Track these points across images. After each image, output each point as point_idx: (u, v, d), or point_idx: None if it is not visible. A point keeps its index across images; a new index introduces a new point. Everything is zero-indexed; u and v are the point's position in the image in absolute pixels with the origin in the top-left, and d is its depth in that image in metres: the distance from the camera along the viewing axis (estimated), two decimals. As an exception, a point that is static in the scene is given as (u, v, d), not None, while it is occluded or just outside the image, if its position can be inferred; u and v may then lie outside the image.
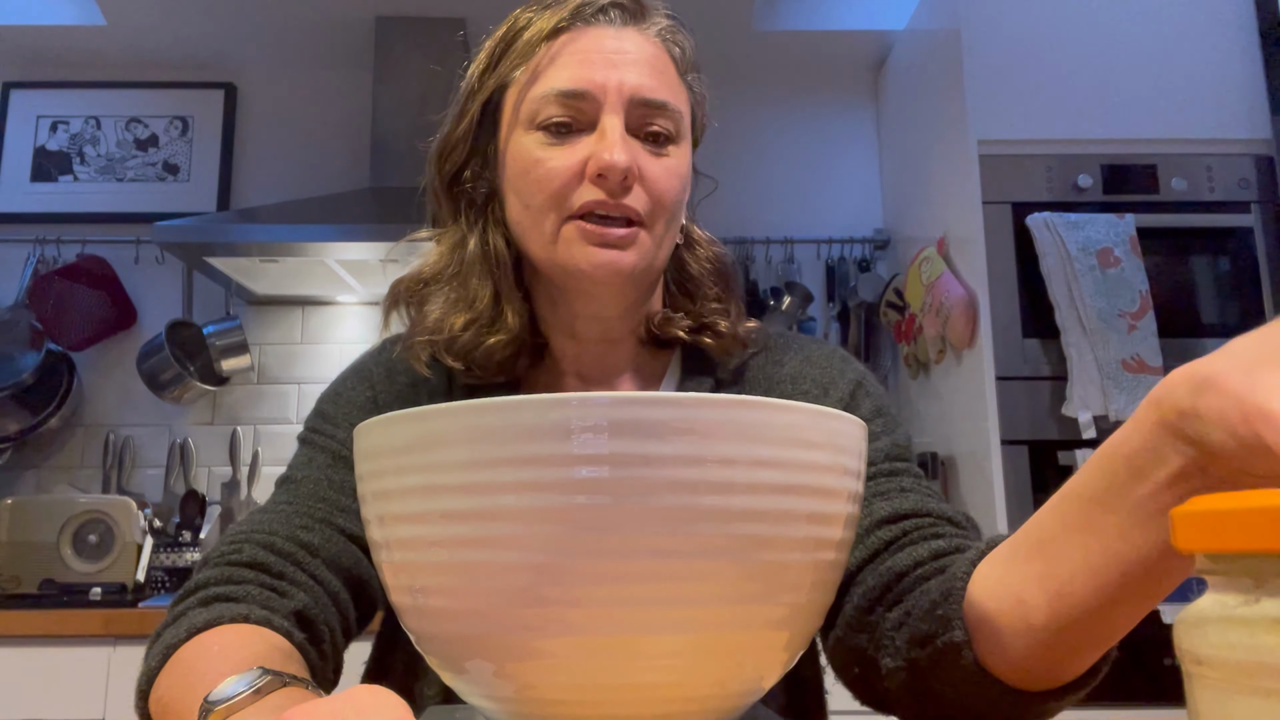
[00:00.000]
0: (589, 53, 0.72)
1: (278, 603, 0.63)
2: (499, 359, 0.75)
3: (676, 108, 0.73)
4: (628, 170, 0.69)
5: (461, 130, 0.76)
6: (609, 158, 0.69)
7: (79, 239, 2.52)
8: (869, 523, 0.67)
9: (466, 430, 0.42)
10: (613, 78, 0.71)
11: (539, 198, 0.71)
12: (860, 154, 2.73)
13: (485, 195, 0.77)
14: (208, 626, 0.57)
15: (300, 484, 0.74)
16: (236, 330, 2.46)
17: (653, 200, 0.72)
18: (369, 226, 2.12)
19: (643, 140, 0.72)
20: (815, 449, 0.44)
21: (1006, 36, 2.06)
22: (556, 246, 0.72)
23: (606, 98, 0.71)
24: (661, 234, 0.74)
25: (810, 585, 0.45)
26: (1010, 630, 0.50)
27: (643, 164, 0.71)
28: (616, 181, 0.69)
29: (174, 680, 0.54)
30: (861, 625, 0.63)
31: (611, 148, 0.69)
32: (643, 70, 0.72)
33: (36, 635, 1.77)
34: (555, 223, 0.71)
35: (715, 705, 0.45)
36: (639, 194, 0.71)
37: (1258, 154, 2.01)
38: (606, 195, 0.70)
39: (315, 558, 0.69)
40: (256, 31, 2.54)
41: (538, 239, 0.73)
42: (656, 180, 0.72)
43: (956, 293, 2.02)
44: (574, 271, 0.71)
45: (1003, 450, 1.88)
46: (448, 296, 0.77)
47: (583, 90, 0.70)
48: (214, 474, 2.48)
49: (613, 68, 0.71)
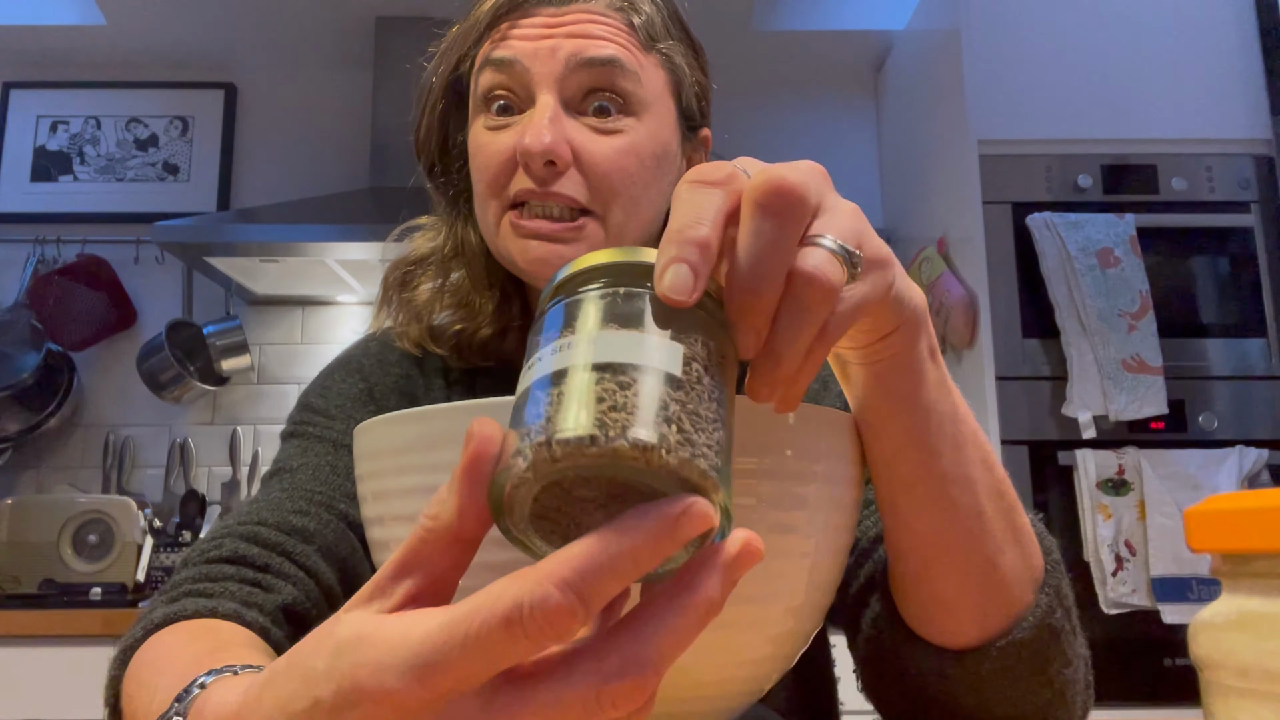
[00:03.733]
0: (530, 27, 0.68)
1: (261, 598, 0.59)
2: (480, 343, 0.75)
3: (630, 68, 0.67)
4: (546, 154, 0.63)
5: (425, 127, 0.76)
6: (526, 141, 0.63)
7: (79, 239, 2.51)
8: (876, 532, 0.60)
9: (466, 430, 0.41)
10: (545, 45, 0.66)
11: (480, 186, 0.69)
12: (860, 154, 2.73)
13: (459, 186, 0.77)
14: (166, 623, 0.53)
15: (297, 471, 0.69)
16: (236, 330, 2.46)
17: (596, 184, 0.66)
18: (369, 226, 2.12)
19: (589, 115, 0.67)
20: (814, 449, 0.44)
21: (1006, 36, 2.06)
22: (499, 239, 0.69)
23: (536, 65, 0.66)
24: (623, 221, 0.67)
25: (810, 586, 0.45)
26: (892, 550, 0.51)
27: (579, 144, 0.65)
28: (538, 168, 0.64)
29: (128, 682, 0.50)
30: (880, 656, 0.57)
31: (532, 129, 0.64)
32: (588, 29, 0.66)
33: (36, 635, 1.77)
34: (496, 212, 0.68)
35: (715, 705, 0.45)
36: (574, 179, 0.65)
37: (1258, 154, 2.01)
38: (535, 183, 0.65)
39: (309, 544, 0.64)
40: (256, 31, 2.54)
41: (485, 228, 0.71)
42: (599, 162, 0.66)
43: (956, 293, 2.02)
44: (512, 266, 0.69)
45: (1003, 450, 1.88)
46: (433, 283, 0.77)
47: (509, 58, 0.66)
48: (214, 474, 2.48)
49: (547, 37, 0.66)
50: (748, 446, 0.41)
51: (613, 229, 0.67)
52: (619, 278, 0.32)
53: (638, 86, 0.67)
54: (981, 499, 0.47)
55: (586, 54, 0.65)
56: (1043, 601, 0.50)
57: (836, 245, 0.34)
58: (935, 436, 0.45)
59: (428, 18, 0.80)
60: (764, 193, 0.34)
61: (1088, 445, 1.83)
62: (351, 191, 2.44)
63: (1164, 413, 1.83)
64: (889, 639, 0.54)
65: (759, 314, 0.33)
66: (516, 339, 0.77)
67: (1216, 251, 1.99)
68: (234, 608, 0.55)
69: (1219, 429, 1.87)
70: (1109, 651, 1.75)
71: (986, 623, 0.50)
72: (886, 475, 0.47)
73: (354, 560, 0.67)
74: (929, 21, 2.33)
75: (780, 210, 0.33)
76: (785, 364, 0.33)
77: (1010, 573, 0.49)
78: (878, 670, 0.57)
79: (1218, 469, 1.80)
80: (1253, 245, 1.98)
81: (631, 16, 0.69)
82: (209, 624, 0.54)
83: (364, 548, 0.67)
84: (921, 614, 0.51)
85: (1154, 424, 1.86)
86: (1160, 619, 1.74)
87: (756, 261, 0.33)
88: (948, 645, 0.51)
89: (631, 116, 0.68)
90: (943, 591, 0.49)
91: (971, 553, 0.48)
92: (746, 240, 0.33)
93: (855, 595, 0.60)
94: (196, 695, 0.38)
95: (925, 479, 0.46)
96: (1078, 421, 1.84)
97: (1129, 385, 1.83)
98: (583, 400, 0.27)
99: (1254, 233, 1.98)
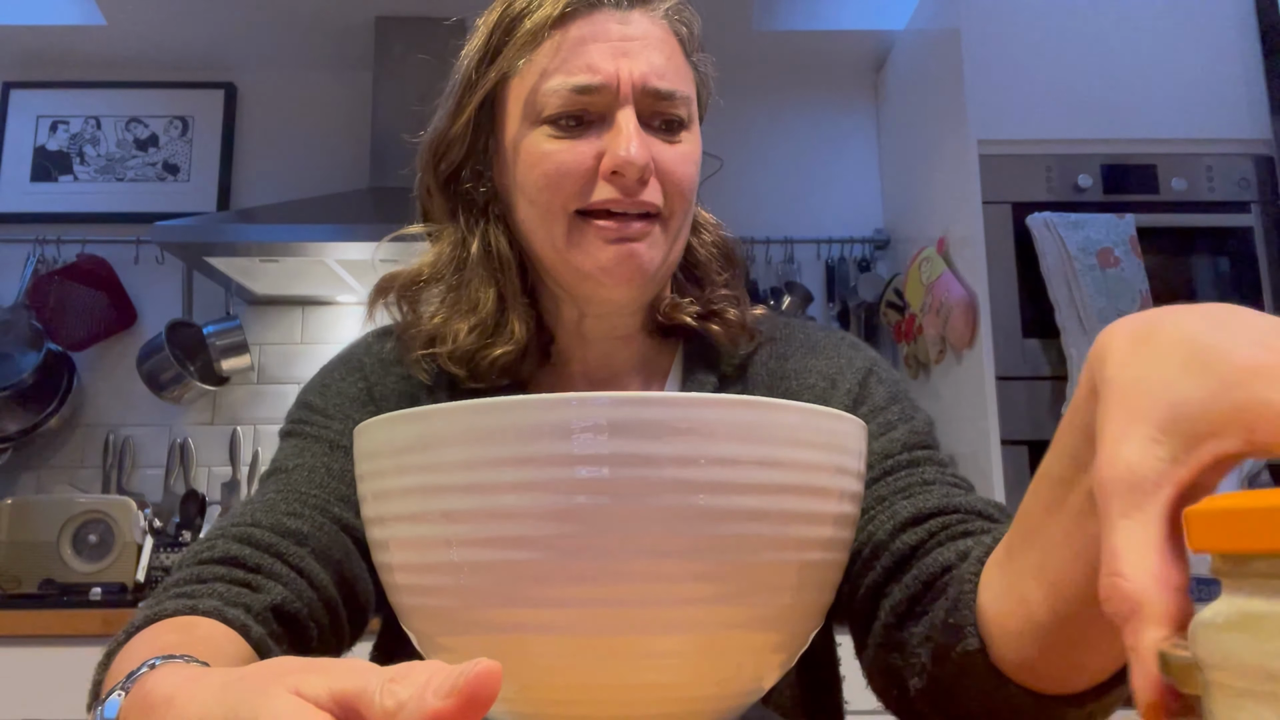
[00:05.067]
0: (597, 41, 0.68)
1: (249, 598, 0.58)
2: (502, 366, 0.72)
3: (686, 94, 0.71)
4: (647, 168, 0.67)
5: (459, 126, 0.73)
6: (625, 154, 0.66)
7: (79, 239, 2.51)
8: (892, 526, 0.61)
9: (466, 430, 0.42)
10: (624, 67, 0.68)
11: (549, 196, 0.68)
12: (860, 154, 2.73)
13: (486, 194, 0.74)
14: (147, 624, 0.53)
15: (292, 473, 0.69)
16: (236, 330, 2.46)
17: (670, 191, 0.69)
18: (369, 226, 2.12)
19: (655, 129, 0.70)
20: (814, 449, 0.44)
21: (1006, 36, 2.06)
22: (570, 248, 0.69)
23: (619, 89, 0.68)
24: (679, 227, 0.72)
25: (809, 585, 0.45)
26: (1018, 631, 0.46)
27: (658, 155, 0.69)
28: (634, 179, 0.67)
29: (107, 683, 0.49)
30: (893, 643, 0.58)
31: (628, 143, 0.66)
32: (653, 57, 0.69)
33: (36, 635, 1.77)
34: (567, 222, 0.69)
35: (715, 705, 0.45)
36: (654, 187, 0.69)
37: (1258, 154, 2.01)
38: (622, 193, 0.67)
39: (302, 547, 0.63)
40: (256, 32, 2.53)
41: (547, 239, 0.70)
42: (673, 170, 0.69)
43: (956, 293, 2.02)
44: (591, 273, 0.69)
45: (1003, 450, 1.88)
46: (445, 299, 0.74)
47: (597, 85, 0.67)
48: (214, 474, 2.48)
49: (623, 56, 0.68)
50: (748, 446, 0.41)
51: (672, 233, 0.71)
52: None
53: (690, 106, 0.72)
54: None
55: (656, 85, 0.69)
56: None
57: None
58: None
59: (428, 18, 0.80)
60: None
61: (1088, 445, 1.83)
62: (351, 191, 2.44)
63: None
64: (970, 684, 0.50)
65: None
66: (536, 358, 0.75)
67: (1216, 251, 1.99)
68: (215, 605, 0.55)
69: (1219, 429, 1.86)
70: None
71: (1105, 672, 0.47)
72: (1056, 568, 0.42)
73: (348, 563, 0.66)
74: (929, 21, 2.33)
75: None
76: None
77: None
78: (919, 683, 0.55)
79: (1218, 469, 1.80)
80: (1253, 245, 1.98)
81: (680, 29, 0.74)
82: (186, 620, 0.54)
83: (359, 550, 0.67)
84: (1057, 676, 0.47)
85: (1154, 424, 1.86)
86: (1160, 619, 1.74)
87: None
88: (1052, 693, 0.48)
89: (686, 130, 0.72)
90: (1083, 658, 0.45)
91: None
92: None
93: (870, 587, 0.60)
94: (144, 673, 0.39)
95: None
96: (1078, 421, 1.84)
97: (1129, 385, 1.83)
98: None
99: (1254, 233, 1.98)
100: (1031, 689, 0.48)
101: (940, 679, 0.53)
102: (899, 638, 0.58)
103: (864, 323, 2.55)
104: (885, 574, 0.60)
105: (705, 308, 0.76)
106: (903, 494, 0.64)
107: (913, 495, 0.64)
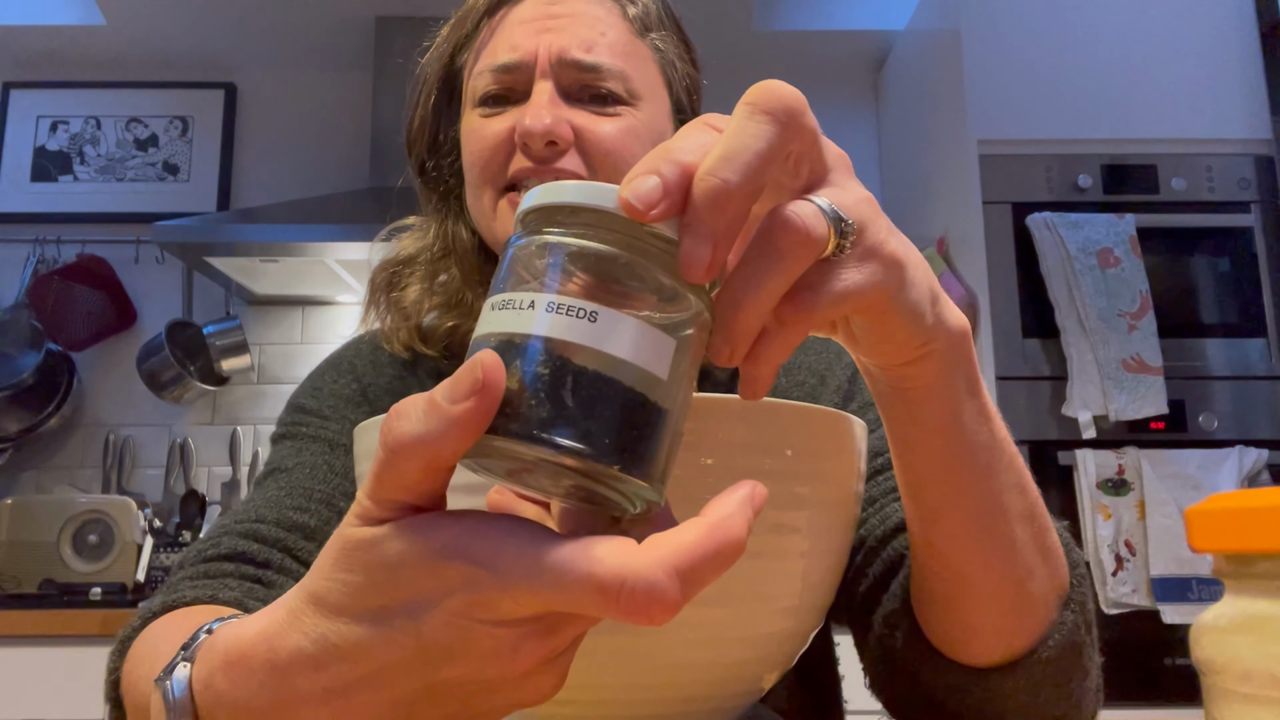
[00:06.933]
0: (524, 22, 0.70)
1: (262, 593, 0.58)
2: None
3: (619, 69, 0.69)
4: (547, 133, 0.66)
5: (418, 119, 0.76)
6: (528, 122, 0.66)
7: (79, 239, 2.51)
8: (884, 530, 0.59)
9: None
10: (544, 42, 0.68)
11: (474, 171, 0.70)
12: (860, 154, 2.72)
13: (449, 183, 0.76)
14: (164, 611, 0.52)
15: (293, 471, 0.68)
16: (236, 330, 2.46)
17: (597, 163, 0.68)
18: (369, 226, 2.11)
19: (583, 102, 0.69)
20: (814, 449, 0.44)
21: (1006, 36, 2.06)
22: (495, 223, 0.70)
23: (537, 64, 0.68)
24: None
25: (809, 586, 0.45)
26: (918, 570, 0.49)
27: (580, 125, 0.68)
28: (538, 147, 0.66)
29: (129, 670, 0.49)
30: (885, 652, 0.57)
31: (532, 110, 0.66)
32: (580, 30, 0.69)
33: (36, 635, 1.77)
34: (492, 197, 0.69)
35: (715, 705, 0.45)
36: (574, 159, 0.67)
37: (1258, 154, 2.01)
38: (534, 162, 0.67)
39: (310, 541, 0.63)
40: (256, 31, 2.53)
41: (480, 216, 0.71)
42: (602, 139, 0.68)
43: (956, 293, 2.02)
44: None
45: (1003, 450, 1.88)
46: (421, 284, 0.77)
47: (514, 63, 0.68)
48: (214, 474, 2.48)
49: (544, 32, 0.69)
50: (747, 445, 0.41)
51: None
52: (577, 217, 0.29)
53: (627, 81, 0.70)
54: (1014, 525, 0.46)
55: (574, 56, 0.68)
56: (1068, 619, 0.49)
57: (828, 206, 0.32)
58: (968, 468, 0.43)
59: (427, 18, 0.80)
60: (764, 94, 0.30)
61: (1088, 445, 1.83)
62: (351, 191, 2.44)
63: (1164, 413, 1.83)
64: (908, 653, 0.52)
65: (720, 228, 0.29)
66: None
67: (1216, 251, 1.99)
68: (235, 596, 0.55)
69: (1219, 429, 1.87)
70: (1109, 651, 1.74)
71: (1013, 642, 0.48)
72: (914, 501, 0.46)
73: None
74: (929, 21, 2.33)
75: (778, 114, 0.30)
76: (743, 315, 0.30)
77: (1038, 593, 0.48)
78: (890, 675, 0.56)
79: (1218, 469, 1.80)
80: (1253, 245, 1.98)
81: (627, 7, 0.72)
82: (211, 608, 0.53)
83: None
84: (947, 636, 0.50)
85: (1154, 424, 1.86)
86: (1160, 619, 1.74)
87: (731, 158, 0.29)
88: (971, 664, 0.50)
89: (627, 105, 0.70)
90: (970, 616, 0.48)
91: (1001, 579, 0.46)
92: (731, 134, 0.30)
93: (865, 594, 0.59)
94: (204, 639, 0.35)
95: (955, 508, 0.44)
96: (1078, 421, 1.84)
97: (1129, 385, 1.83)
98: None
99: (1254, 233, 1.98)
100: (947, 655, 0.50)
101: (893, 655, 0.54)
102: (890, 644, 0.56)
103: (864, 323, 2.55)
104: (879, 580, 0.58)
105: None
106: (893, 495, 0.63)
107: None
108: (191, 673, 0.34)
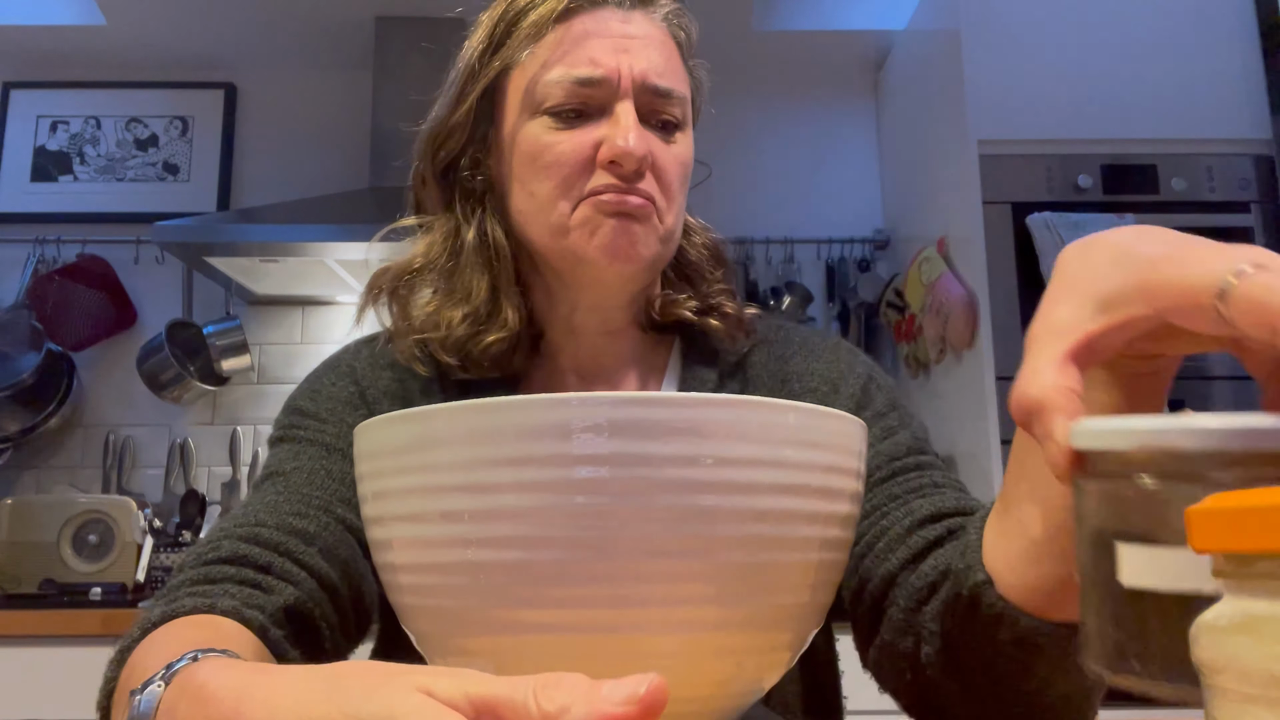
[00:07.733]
0: (600, 36, 0.70)
1: (261, 599, 0.57)
2: (494, 355, 0.73)
3: (683, 95, 0.72)
4: (646, 158, 0.68)
5: (460, 115, 0.74)
6: (623, 144, 0.67)
7: (79, 239, 2.51)
8: (910, 522, 0.62)
9: (466, 430, 0.42)
10: (625, 62, 0.69)
11: (548, 184, 0.69)
12: (860, 154, 2.73)
13: (483, 184, 0.75)
14: (163, 621, 0.52)
15: (290, 475, 0.68)
16: (236, 330, 2.46)
17: (664, 188, 0.71)
18: (369, 226, 2.10)
19: (652, 127, 0.71)
20: (815, 449, 0.44)
21: (1006, 36, 2.06)
22: (568, 234, 0.70)
23: (620, 83, 0.69)
24: (672, 225, 0.72)
25: (810, 585, 0.45)
26: (1019, 552, 0.47)
27: (655, 151, 0.70)
28: (631, 169, 0.68)
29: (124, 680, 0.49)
30: (908, 628, 0.58)
31: (627, 133, 0.68)
32: (653, 56, 0.71)
33: (36, 635, 1.77)
34: (566, 209, 0.69)
35: (715, 705, 0.45)
36: (650, 182, 0.70)
37: (1258, 154, 2.01)
38: (619, 181, 0.68)
39: (310, 546, 0.63)
40: (256, 31, 2.53)
41: (544, 227, 0.71)
42: (667, 168, 0.71)
43: (956, 293, 2.02)
44: (587, 254, 0.69)
45: (1003, 450, 1.88)
46: (439, 289, 0.75)
47: (596, 78, 0.69)
48: (214, 474, 2.48)
49: (624, 52, 0.70)
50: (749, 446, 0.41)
51: (666, 227, 0.72)
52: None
53: (684, 108, 0.73)
54: None
55: (655, 82, 0.70)
56: None
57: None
58: None
59: (427, 17, 0.80)
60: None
61: (1088, 445, 1.83)
62: (351, 191, 2.44)
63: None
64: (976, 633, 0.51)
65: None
66: (526, 350, 0.75)
67: (1217, 251, 1.99)
68: (233, 605, 0.54)
69: (1219, 429, 1.86)
70: (1109, 652, 1.74)
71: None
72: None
73: (355, 563, 0.66)
74: (929, 21, 2.33)
75: None
76: None
77: None
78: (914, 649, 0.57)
79: (1218, 469, 1.80)
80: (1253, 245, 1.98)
81: (678, 33, 0.75)
82: (208, 619, 0.53)
83: (361, 550, 0.66)
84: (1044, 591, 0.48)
85: (1154, 424, 1.86)
86: (1160, 619, 1.73)
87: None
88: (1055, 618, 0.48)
89: (681, 132, 0.73)
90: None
91: None
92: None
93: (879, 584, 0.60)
94: (185, 664, 0.37)
95: None
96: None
97: (1129, 385, 1.83)
98: None
99: (1254, 233, 1.98)
100: (1032, 613, 0.49)
101: (950, 634, 0.54)
102: (914, 622, 0.57)
103: (864, 323, 2.55)
104: (900, 566, 0.60)
105: (703, 303, 0.78)
106: (916, 493, 0.65)
107: (927, 495, 0.65)
108: (162, 695, 0.36)
